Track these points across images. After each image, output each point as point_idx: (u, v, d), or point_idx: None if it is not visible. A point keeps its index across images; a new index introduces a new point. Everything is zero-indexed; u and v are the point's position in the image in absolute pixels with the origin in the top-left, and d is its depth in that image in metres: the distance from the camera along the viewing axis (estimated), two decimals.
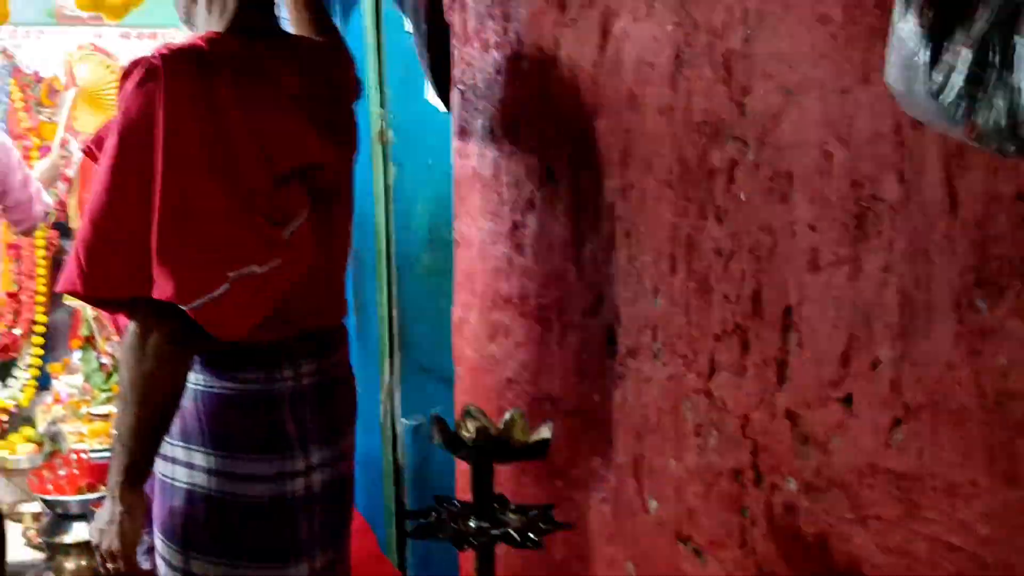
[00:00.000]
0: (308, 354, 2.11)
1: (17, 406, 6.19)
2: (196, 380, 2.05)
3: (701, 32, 1.61)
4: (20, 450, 5.95)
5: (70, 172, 6.38)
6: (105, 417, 5.58)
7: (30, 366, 6.35)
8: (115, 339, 6.12)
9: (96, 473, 4.75)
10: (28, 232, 4.97)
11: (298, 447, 2.10)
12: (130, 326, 1.97)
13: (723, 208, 1.60)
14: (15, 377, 6.26)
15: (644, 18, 1.76)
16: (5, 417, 6.08)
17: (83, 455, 4.89)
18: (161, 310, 1.90)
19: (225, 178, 1.91)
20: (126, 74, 2.00)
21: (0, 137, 4.71)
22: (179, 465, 2.09)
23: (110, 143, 1.94)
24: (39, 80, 6.44)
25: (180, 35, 5.45)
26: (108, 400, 5.88)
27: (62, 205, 6.38)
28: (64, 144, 6.46)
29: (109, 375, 6.05)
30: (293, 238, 1.98)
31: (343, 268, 2.22)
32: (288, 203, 1.98)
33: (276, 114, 1.99)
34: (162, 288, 1.88)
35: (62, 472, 4.83)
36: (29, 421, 6.25)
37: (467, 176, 2.49)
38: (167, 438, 2.03)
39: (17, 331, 6.26)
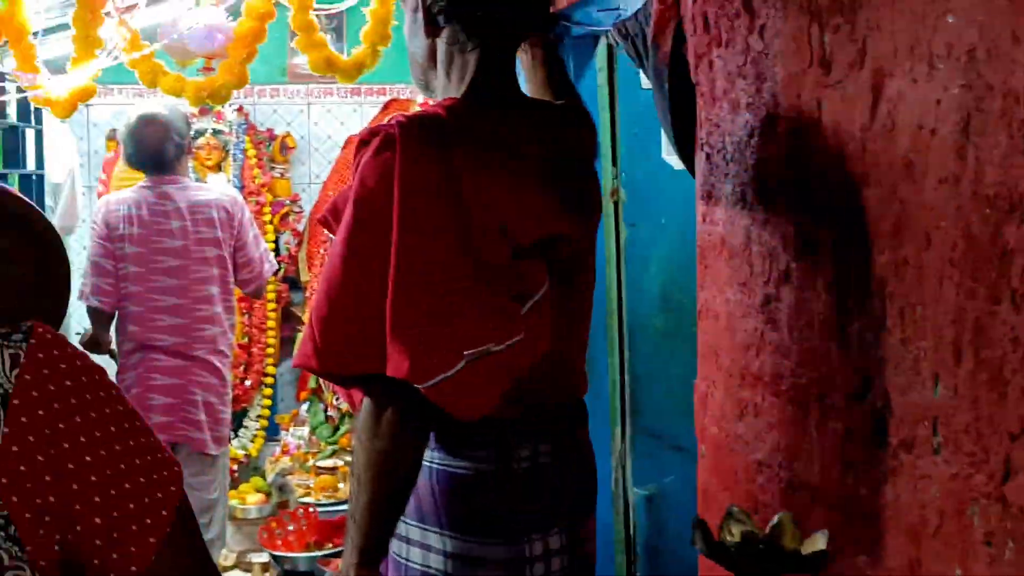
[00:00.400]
0: (546, 432, 2.02)
1: (247, 456, 6.34)
2: (431, 458, 1.99)
3: (996, 95, 1.45)
4: (250, 500, 6.07)
5: (299, 226, 6.54)
6: (332, 471, 5.64)
7: (260, 417, 6.50)
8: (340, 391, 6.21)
9: (324, 530, 4.80)
10: (256, 293, 5.07)
11: (536, 531, 2.00)
12: (364, 403, 1.92)
13: (1020, 293, 1.43)
14: (246, 427, 6.42)
15: (924, 80, 1.60)
16: (235, 467, 6.22)
17: (311, 510, 4.94)
18: (396, 387, 1.84)
19: (463, 252, 1.85)
20: (362, 142, 1.96)
21: (234, 194, 4.83)
22: (414, 546, 2.02)
23: (346, 214, 1.90)
24: (272, 137, 6.63)
25: (407, 90, 5.51)
26: (334, 453, 5.96)
27: (292, 259, 6.53)
28: (295, 199, 6.63)
29: (335, 428, 6.13)
30: (532, 313, 1.90)
31: (584, 342, 2.12)
32: (528, 277, 1.90)
33: (516, 184, 1.92)
34: (396, 365, 1.82)
35: (291, 527, 4.89)
36: (258, 471, 6.39)
37: (713, 243, 2.36)
38: (402, 517, 1.96)
39: (248, 382, 6.41)
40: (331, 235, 2.06)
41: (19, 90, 3.84)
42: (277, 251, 6.48)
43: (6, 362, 1.15)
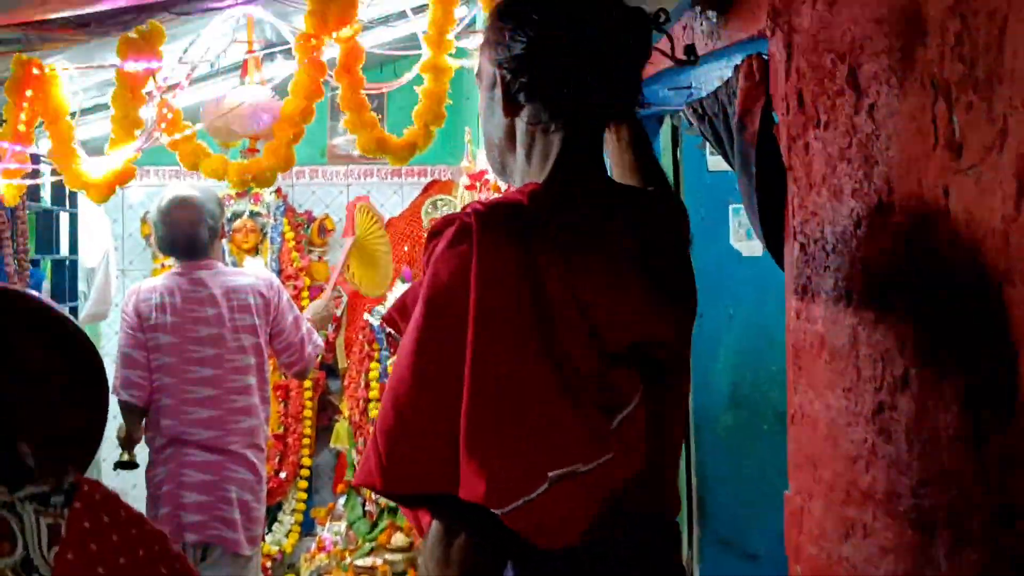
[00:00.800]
0: (636, 560, 1.79)
1: (281, 552, 6.11)
2: None
3: None
4: None
5: (337, 311, 6.36)
6: (370, 570, 5.40)
7: (295, 511, 6.28)
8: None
9: None
10: (300, 375, 4.85)
11: None
12: (432, 527, 1.70)
13: None
14: (280, 522, 6.20)
15: None
16: (269, 563, 6.00)
17: None
18: (470, 511, 1.63)
19: (548, 359, 1.65)
20: (434, 232, 1.77)
21: (270, 278, 4.64)
22: None
23: (416, 315, 1.70)
24: (311, 220, 6.49)
25: (449, 172, 5.32)
26: (372, 551, 5.71)
27: (330, 346, 6.36)
28: (336, 285, 6.46)
29: (374, 524, 5.90)
30: (624, 427, 1.69)
31: (678, 456, 1.91)
32: (619, 387, 1.70)
33: (607, 282, 1.72)
34: (471, 488, 1.61)
35: None
36: (293, 568, 6.15)
37: (810, 343, 2.15)
38: None
39: (283, 474, 6.20)
40: (397, 335, 1.86)
41: (54, 173, 3.69)
42: None
43: (42, 537, 0.94)
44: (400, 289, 6.21)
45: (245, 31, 4.03)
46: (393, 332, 1.92)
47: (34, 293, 1.14)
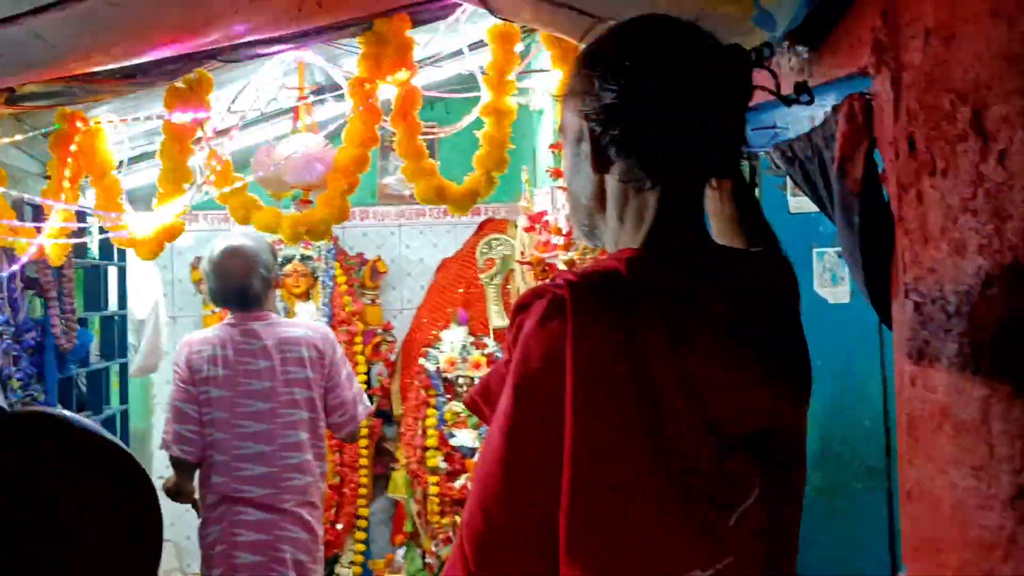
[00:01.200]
0: None
1: None
2: None
3: None
4: None
5: (392, 356, 6.20)
6: None
7: (352, 563, 6.10)
8: (440, 536, 5.80)
9: None
10: (349, 438, 4.66)
11: None
12: None
13: None
14: (337, 575, 6.01)
15: None
16: None
17: None
18: None
19: (657, 451, 1.46)
20: (522, 305, 1.58)
21: (325, 331, 4.47)
22: None
23: (504, 402, 1.52)
24: (363, 262, 6.34)
25: (503, 210, 5.13)
26: None
27: (385, 391, 6.19)
28: (387, 328, 6.30)
29: None
30: (743, 525, 1.49)
31: (796, 549, 1.71)
32: (737, 478, 1.51)
33: (719, 361, 1.53)
34: None
35: None
36: None
37: (929, 413, 1.94)
38: None
39: (339, 525, 6.03)
40: (483, 421, 1.67)
41: (101, 230, 3.55)
42: (369, 383, 6.15)
43: None
44: (456, 333, 6.04)
45: (295, 75, 3.89)
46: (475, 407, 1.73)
47: (90, 426, 0.97)
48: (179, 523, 6.17)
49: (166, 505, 4.33)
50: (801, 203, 3.20)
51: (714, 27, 1.69)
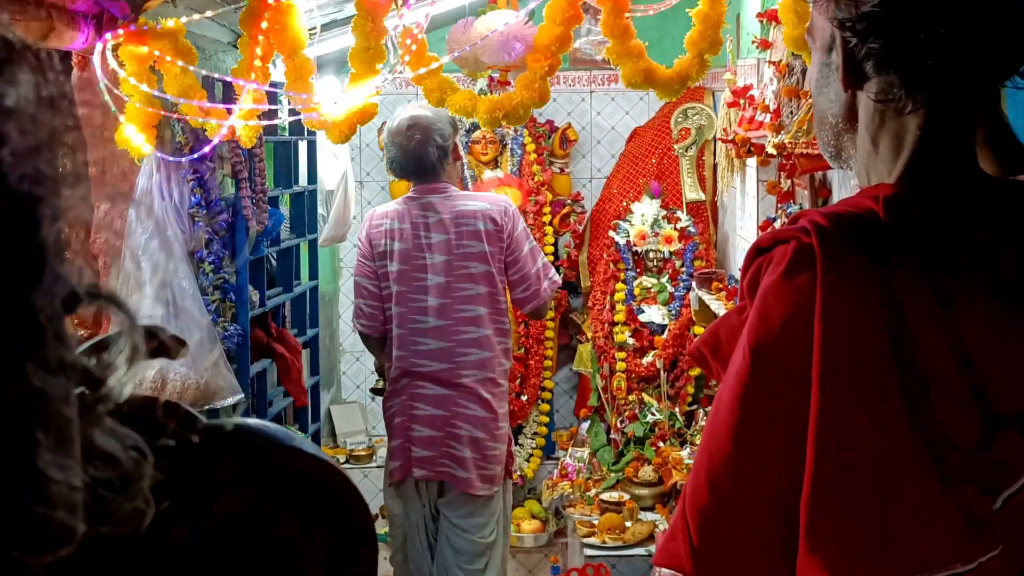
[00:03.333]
0: None
1: (523, 477, 5.91)
2: None
3: None
4: (525, 527, 5.68)
5: (580, 227, 6.05)
6: (617, 506, 5.13)
7: (536, 434, 6.07)
8: (626, 413, 5.70)
9: None
10: (535, 314, 4.55)
11: None
12: None
13: None
14: (521, 445, 5.99)
15: None
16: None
17: (603, 570, 4.41)
18: None
19: (916, 428, 1.26)
20: (760, 249, 1.39)
21: (505, 204, 4.31)
22: None
23: (738, 362, 1.33)
24: (552, 130, 6.14)
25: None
26: (617, 483, 5.45)
27: (572, 263, 6.05)
28: (576, 198, 6.13)
29: (620, 453, 5.62)
30: (1008, 511, 1.30)
31: None
32: (1005, 459, 1.30)
33: (994, 324, 1.31)
34: None
35: None
36: (534, 492, 5.96)
37: None
38: None
39: (524, 397, 5.98)
40: (711, 376, 1.50)
41: (292, 113, 3.44)
42: (556, 255, 6.01)
43: None
44: (647, 205, 5.83)
45: None
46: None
47: (308, 449, 0.84)
48: (364, 385, 6.23)
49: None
50: None
51: None
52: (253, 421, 0.84)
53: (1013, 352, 1.31)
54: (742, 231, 5.11)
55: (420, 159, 4.16)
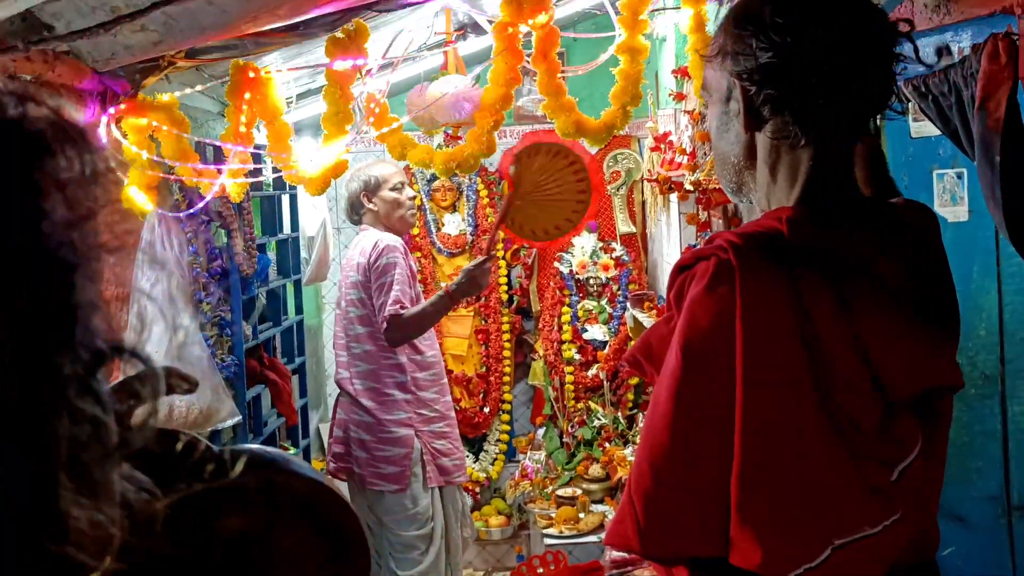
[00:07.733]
0: None
1: (488, 478, 5.91)
2: None
3: None
4: (493, 523, 5.69)
5: (529, 260, 6.06)
6: (571, 500, 5.13)
7: (499, 440, 6.06)
8: (575, 419, 5.70)
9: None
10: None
11: None
12: None
13: None
14: (486, 451, 6.00)
15: None
16: (478, 488, 5.83)
17: (560, 556, 4.40)
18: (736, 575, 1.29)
19: (826, 413, 1.29)
20: (684, 266, 1.41)
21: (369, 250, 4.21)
22: None
23: (671, 363, 1.35)
24: (502, 177, 6.15)
25: (627, 126, 4.86)
26: (571, 480, 5.45)
27: (524, 291, 6.06)
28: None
29: (571, 454, 5.63)
30: (905, 482, 1.32)
31: (939, 491, 1.52)
32: (901, 438, 1.32)
33: (884, 320, 1.34)
34: (744, 555, 1.28)
35: (540, 571, 4.36)
36: (499, 492, 5.95)
37: None
38: None
39: (487, 409, 5.97)
40: (646, 379, 1.51)
41: (274, 170, 3.44)
42: (510, 284, 6.03)
43: None
44: (586, 239, 5.85)
45: (441, 19, 3.69)
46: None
47: (302, 469, 0.83)
48: None
49: None
50: (922, 128, 2.93)
51: None
52: (256, 447, 0.83)
53: (903, 346, 1.34)
54: (668, 257, 5.15)
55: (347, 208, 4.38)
